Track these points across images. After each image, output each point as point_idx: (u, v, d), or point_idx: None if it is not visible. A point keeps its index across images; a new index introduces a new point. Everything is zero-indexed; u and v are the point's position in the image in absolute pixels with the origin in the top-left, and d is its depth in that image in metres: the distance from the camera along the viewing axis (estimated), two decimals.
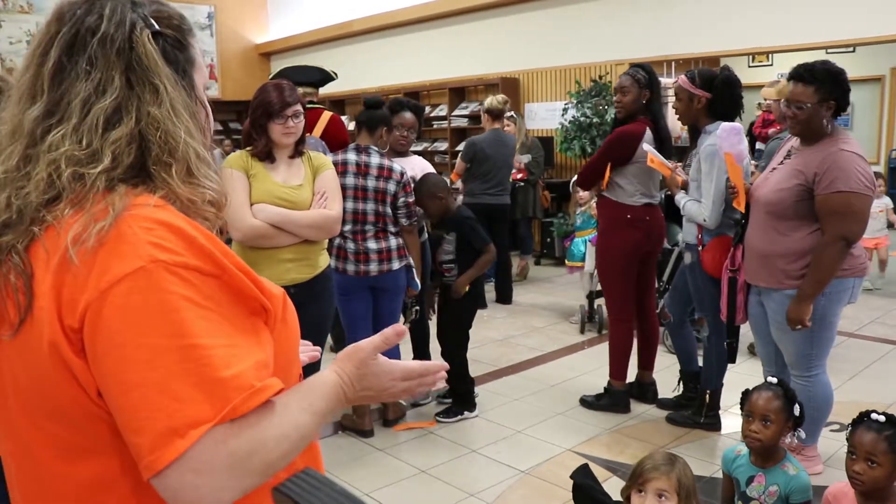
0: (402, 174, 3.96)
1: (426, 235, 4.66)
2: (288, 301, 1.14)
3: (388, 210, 3.95)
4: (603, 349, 4.54)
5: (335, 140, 4.83)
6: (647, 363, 4.55)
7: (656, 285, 5.51)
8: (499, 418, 4.34)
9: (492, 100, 6.86)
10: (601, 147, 4.37)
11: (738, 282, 3.62)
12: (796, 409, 2.62)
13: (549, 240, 8.75)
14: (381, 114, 4.09)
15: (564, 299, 7.14)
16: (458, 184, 6.73)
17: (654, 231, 4.32)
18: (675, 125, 7.53)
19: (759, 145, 6.80)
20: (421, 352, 4.69)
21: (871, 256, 6.95)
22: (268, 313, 1.06)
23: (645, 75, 4.15)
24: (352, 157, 3.93)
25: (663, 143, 4.20)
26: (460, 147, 9.64)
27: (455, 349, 4.32)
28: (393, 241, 3.99)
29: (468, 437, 4.11)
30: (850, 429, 2.46)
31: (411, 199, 4.02)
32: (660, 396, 4.49)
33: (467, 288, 4.21)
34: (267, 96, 3.22)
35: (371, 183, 3.89)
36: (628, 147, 4.15)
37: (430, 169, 4.63)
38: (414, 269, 4.12)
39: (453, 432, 4.17)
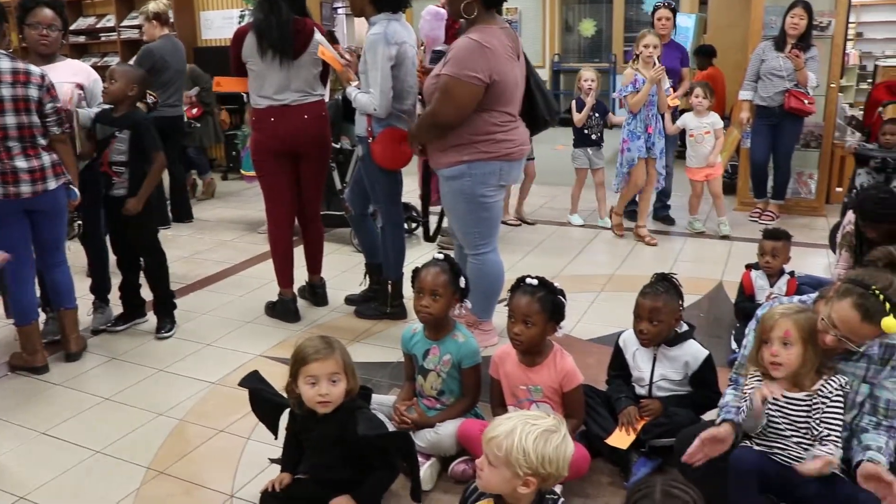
0: (42, 77, 3.50)
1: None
2: None
3: (36, 119, 3.50)
4: None
5: None
6: (312, 267, 4.56)
7: (339, 186, 5.58)
8: (186, 334, 4.20)
9: (156, 4, 6.36)
10: None
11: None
12: (461, 282, 2.80)
13: (234, 153, 8.47)
14: None
15: (252, 211, 7.00)
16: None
17: (282, 133, 4.08)
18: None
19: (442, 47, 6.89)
20: (99, 272, 4.35)
21: (702, 191, 5.90)
22: None
23: None
24: None
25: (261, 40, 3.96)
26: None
27: (159, 259, 4.18)
28: (46, 158, 3.55)
29: (154, 357, 3.92)
30: (508, 295, 2.67)
31: (59, 104, 3.58)
32: (349, 293, 4.58)
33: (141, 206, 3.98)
34: None
35: (7, 91, 3.37)
36: (233, 49, 4.09)
37: (93, 73, 4.19)
38: (72, 183, 3.74)
39: (138, 355, 3.95)
